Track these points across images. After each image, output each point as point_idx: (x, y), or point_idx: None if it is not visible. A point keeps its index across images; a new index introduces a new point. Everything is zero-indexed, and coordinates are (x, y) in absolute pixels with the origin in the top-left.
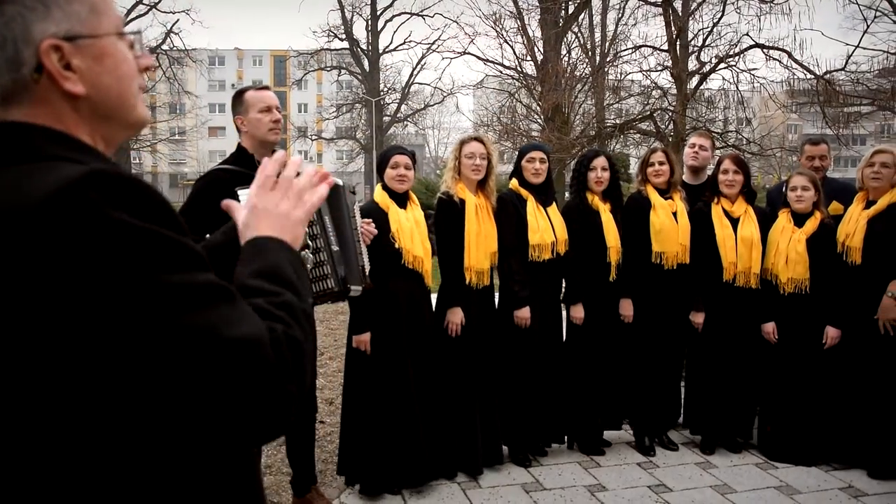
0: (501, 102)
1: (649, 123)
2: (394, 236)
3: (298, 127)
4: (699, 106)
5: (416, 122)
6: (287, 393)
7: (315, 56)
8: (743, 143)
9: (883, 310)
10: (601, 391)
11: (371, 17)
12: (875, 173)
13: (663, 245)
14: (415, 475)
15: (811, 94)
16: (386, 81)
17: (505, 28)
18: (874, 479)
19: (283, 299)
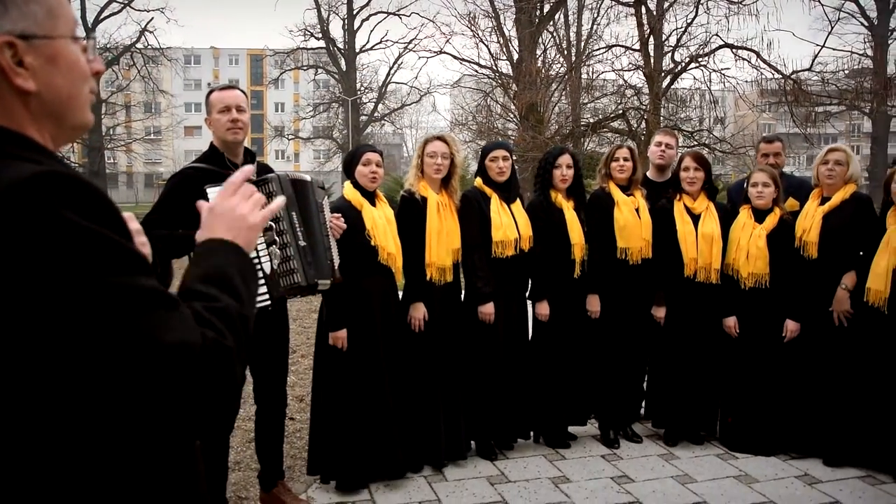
0: (477, 101)
1: (622, 122)
2: (369, 234)
3: (275, 126)
4: (671, 105)
5: (393, 121)
6: (214, 397)
7: (291, 55)
8: (714, 141)
9: (837, 302)
10: (567, 386)
11: (347, 17)
12: (829, 170)
13: (627, 241)
14: (385, 469)
15: (780, 94)
16: (363, 81)
17: (480, 27)
18: (829, 467)
19: (221, 305)
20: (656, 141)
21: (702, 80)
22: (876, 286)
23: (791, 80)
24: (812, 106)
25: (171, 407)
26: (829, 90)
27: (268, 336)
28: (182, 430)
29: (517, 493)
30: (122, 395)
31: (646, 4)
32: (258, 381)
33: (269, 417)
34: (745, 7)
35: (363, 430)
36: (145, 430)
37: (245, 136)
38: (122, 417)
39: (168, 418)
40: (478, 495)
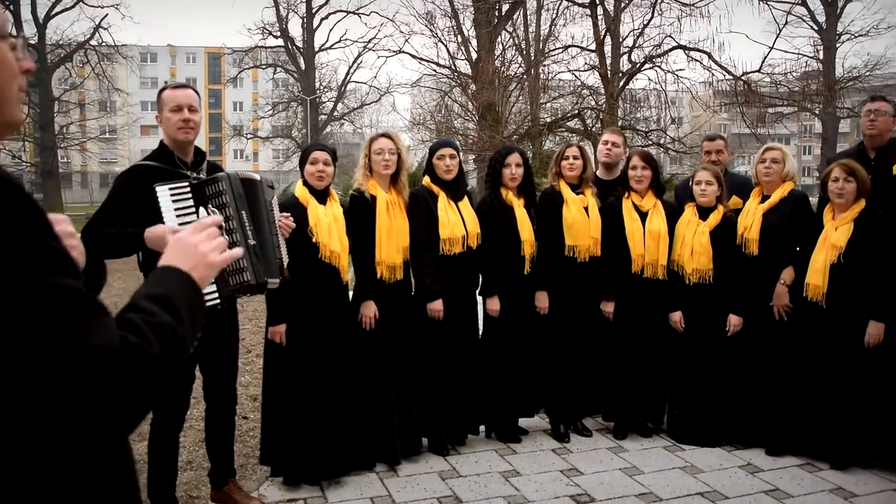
0: (436, 101)
1: (579, 122)
2: (312, 230)
3: (234, 126)
4: (628, 105)
5: (352, 120)
6: (130, 399)
7: (250, 54)
8: (669, 141)
9: (777, 296)
10: (517, 381)
11: (306, 15)
12: (766, 168)
13: (576, 238)
14: (333, 466)
15: (731, 95)
16: (322, 80)
17: (439, 27)
18: (771, 456)
19: (157, 320)
20: (603, 140)
21: (656, 80)
22: (814, 282)
23: (742, 81)
24: (763, 107)
25: (84, 406)
26: (780, 92)
27: (217, 334)
28: (99, 431)
29: (468, 488)
30: (41, 394)
31: (603, 5)
32: (208, 379)
33: (220, 415)
34: (697, 9)
35: (312, 427)
36: (60, 430)
37: (196, 135)
38: (39, 415)
39: (81, 418)
40: (429, 490)
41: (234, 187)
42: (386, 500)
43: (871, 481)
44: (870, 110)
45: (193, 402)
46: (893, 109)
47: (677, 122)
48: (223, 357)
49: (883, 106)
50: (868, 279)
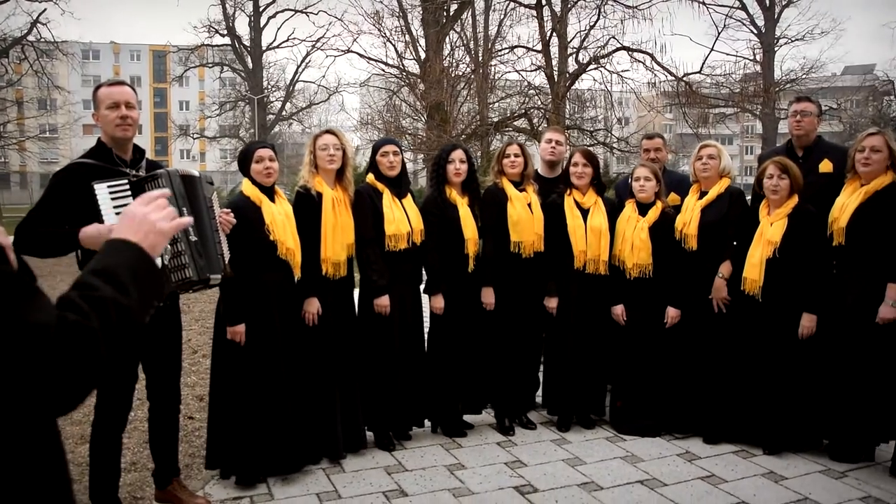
0: (385, 100)
1: (526, 122)
2: (268, 228)
3: (180, 125)
4: (574, 105)
5: (301, 120)
6: (73, 374)
7: (196, 52)
8: (614, 141)
9: (715, 290)
10: (462, 376)
11: (253, 13)
12: (703, 164)
13: (520, 235)
14: (281, 463)
15: (673, 96)
16: (270, 79)
17: (387, 26)
18: (708, 444)
19: (97, 294)
20: (546, 138)
21: (601, 81)
22: (751, 276)
23: (683, 82)
24: (705, 107)
25: (24, 383)
26: (722, 93)
27: (159, 333)
28: (34, 407)
29: (413, 481)
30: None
31: (550, 6)
32: (151, 378)
33: (163, 415)
34: (640, 12)
35: (259, 425)
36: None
37: (135, 132)
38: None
39: (21, 395)
40: (375, 485)
41: (174, 184)
42: (332, 496)
43: (799, 465)
44: (796, 111)
45: (138, 403)
46: (818, 110)
47: (623, 122)
48: (166, 356)
49: (808, 107)
50: (801, 273)
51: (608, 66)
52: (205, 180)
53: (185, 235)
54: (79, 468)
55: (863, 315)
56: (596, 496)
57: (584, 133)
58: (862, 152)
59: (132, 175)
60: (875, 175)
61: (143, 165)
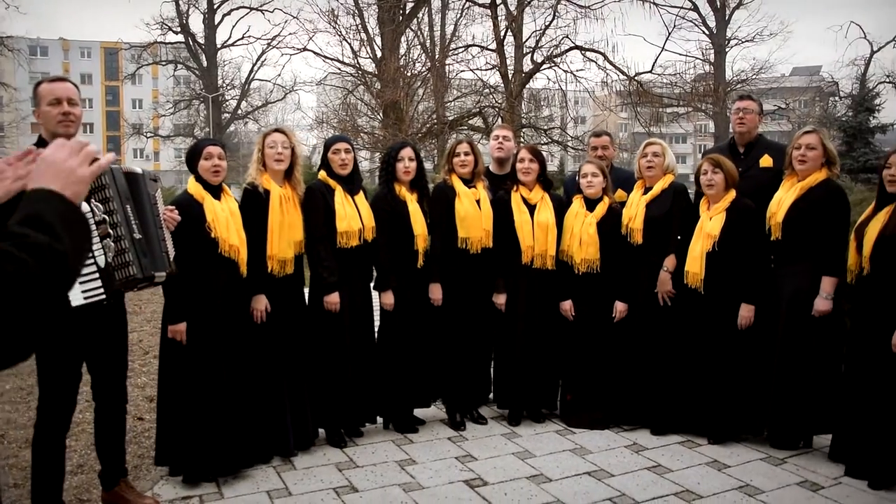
0: (341, 99)
1: (481, 120)
2: (210, 226)
3: (133, 124)
4: (530, 104)
5: (257, 119)
6: (16, 323)
7: (149, 49)
8: (568, 139)
9: (660, 283)
10: (413, 372)
11: (207, 11)
12: (648, 162)
13: (468, 231)
14: (229, 461)
15: (626, 95)
16: (225, 77)
17: (343, 25)
18: (655, 436)
19: (31, 240)
20: (494, 135)
21: (555, 80)
22: (692, 269)
23: (636, 81)
24: (658, 106)
25: None
26: (675, 93)
27: (104, 331)
28: None
29: (364, 477)
30: None
31: (506, 5)
32: (96, 377)
33: (109, 414)
34: (593, 12)
35: (208, 423)
36: None
37: (77, 129)
38: None
39: None
40: (325, 481)
41: (117, 182)
42: (282, 493)
43: (742, 453)
44: (739, 108)
45: (87, 405)
46: (759, 108)
47: (580, 121)
48: (111, 354)
49: (750, 105)
50: (739, 265)
51: (562, 65)
52: (149, 178)
53: (128, 233)
54: (23, 472)
55: (799, 308)
56: (544, 488)
57: (539, 132)
58: (798, 149)
59: None
60: (810, 171)
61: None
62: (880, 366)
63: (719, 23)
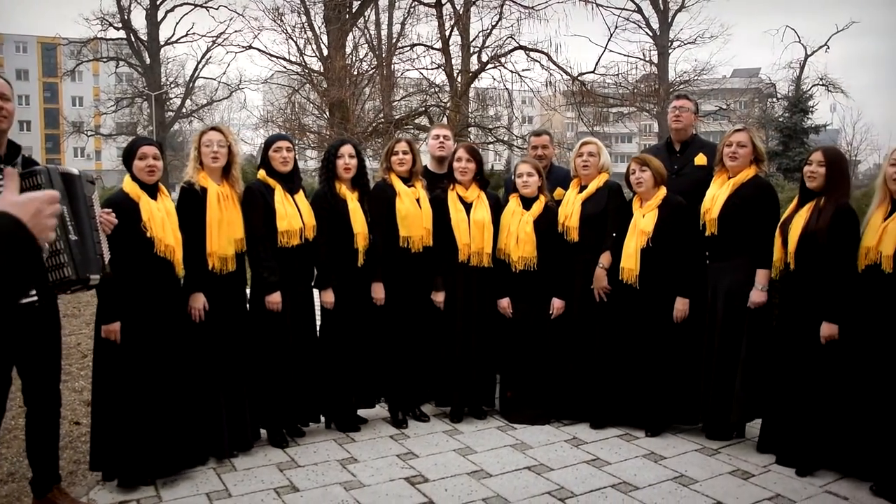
0: (287, 98)
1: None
2: (145, 225)
3: (73, 122)
4: (477, 103)
5: (202, 117)
6: None
7: (89, 45)
8: (513, 138)
9: (596, 280)
10: (355, 371)
11: (150, 7)
12: (584, 161)
13: (409, 230)
14: (167, 464)
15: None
16: (169, 75)
17: (288, 23)
18: (594, 430)
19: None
20: (433, 134)
21: (500, 80)
22: (627, 265)
23: (579, 81)
24: (602, 106)
25: None
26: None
27: (36, 334)
28: None
29: (305, 476)
30: None
31: (453, 4)
32: (27, 381)
33: (41, 419)
34: (537, 12)
35: (144, 425)
36: None
37: (9, 126)
38: None
39: None
40: (266, 482)
41: (53, 182)
42: (222, 494)
43: (678, 444)
44: (675, 107)
45: (20, 410)
46: (695, 108)
47: (528, 120)
48: (43, 358)
49: (686, 104)
50: (673, 260)
51: (507, 65)
52: (85, 179)
53: (63, 234)
54: None
55: (736, 301)
56: (484, 483)
57: (485, 131)
58: (729, 147)
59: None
60: (741, 168)
61: (18, 162)
62: (804, 358)
63: (662, 25)
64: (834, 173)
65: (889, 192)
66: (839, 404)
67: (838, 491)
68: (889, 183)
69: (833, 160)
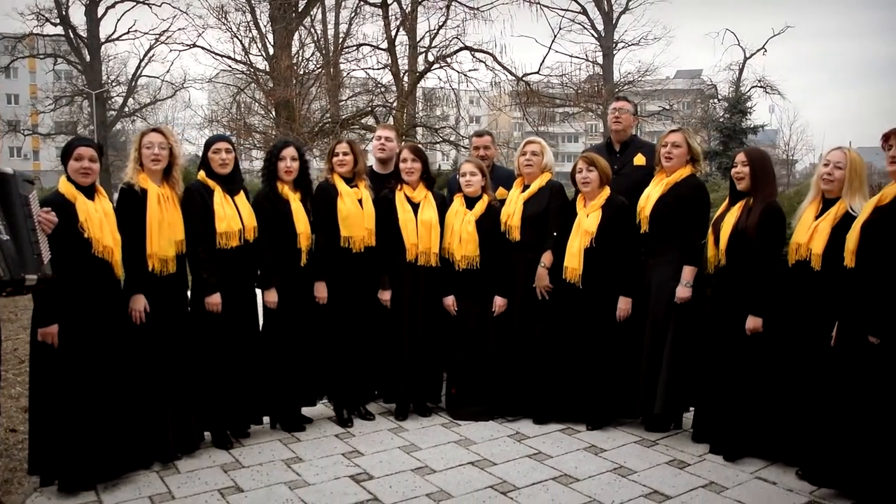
0: (232, 97)
1: (373, 119)
2: (83, 226)
3: (8, 121)
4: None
5: (145, 117)
6: None
7: (24, 41)
8: (459, 139)
9: (538, 278)
10: (299, 371)
11: (89, 3)
12: (527, 161)
13: (350, 230)
14: (108, 468)
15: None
16: (110, 73)
17: (233, 21)
18: (537, 425)
19: None
20: (377, 135)
21: (446, 80)
22: (571, 264)
23: (524, 82)
24: (548, 107)
25: None
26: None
27: None
28: None
29: (250, 477)
30: None
31: (400, 4)
32: None
33: None
34: (482, 13)
35: (85, 429)
36: None
37: None
38: None
39: None
40: (210, 483)
41: None
42: (165, 497)
43: (618, 437)
44: (615, 108)
45: None
46: (634, 109)
47: (475, 120)
48: None
49: (625, 105)
50: (615, 260)
51: (454, 65)
52: (22, 179)
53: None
54: None
55: (665, 296)
56: (428, 479)
57: (432, 131)
58: (665, 147)
59: None
60: (676, 168)
61: None
62: (733, 350)
63: (607, 26)
64: (758, 173)
65: (821, 192)
66: (766, 394)
67: (767, 476)
68: (821, 182)
69: (755, 160)
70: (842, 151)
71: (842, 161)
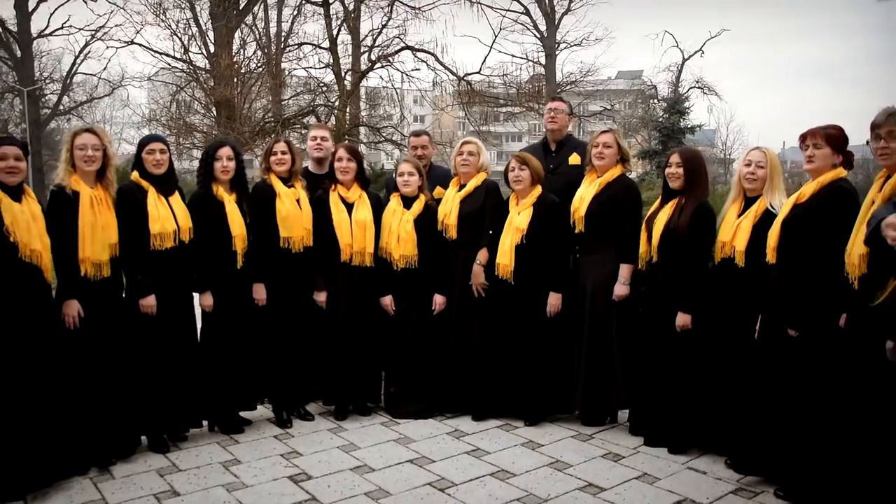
0: (172, 96)
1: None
2: (8, 230)
3: None
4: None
5: (81, 115)
6: None
7: None
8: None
9: (473, 276)
10: (237, 373)
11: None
12: (463, 160)
13: (289, 230)
14: (39, 476)
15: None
16: (43, 70)
17: (172, 19)
18: (476, 422)
19: None
20: (312, 135)
21: (388, 79)
22: (503, 261)
23: (465, 81)
24: (490, 106)
25: None
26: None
27: None
28: None
29: (187, 480)
30: None
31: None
32: None
33: None
34: (423, 13)
35: (11, 438)
36: None
37: None
38: None
39: None
40: (145, 488)
41: None
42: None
43: (555, 432)
44: (551, 108)
45: None
46: (569, 109)
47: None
48: None
49: (561, 105)
50: (546, 257)
51: (396, 64)
52: None
53: None
54: None
55: (602, 294)
56: (367, 477)
57: (374, 131)
58: (596, 147)
59: None
60: (607, 168)
61: None
62: (664, 345)
63: (549, 27)
64: (691, 173)
65: (743, 190)
66: (696, 387)
67: (698, 466)
68: (742, 181)
69: (689, 160)
70: (761, 151)
71: (763, 160)
